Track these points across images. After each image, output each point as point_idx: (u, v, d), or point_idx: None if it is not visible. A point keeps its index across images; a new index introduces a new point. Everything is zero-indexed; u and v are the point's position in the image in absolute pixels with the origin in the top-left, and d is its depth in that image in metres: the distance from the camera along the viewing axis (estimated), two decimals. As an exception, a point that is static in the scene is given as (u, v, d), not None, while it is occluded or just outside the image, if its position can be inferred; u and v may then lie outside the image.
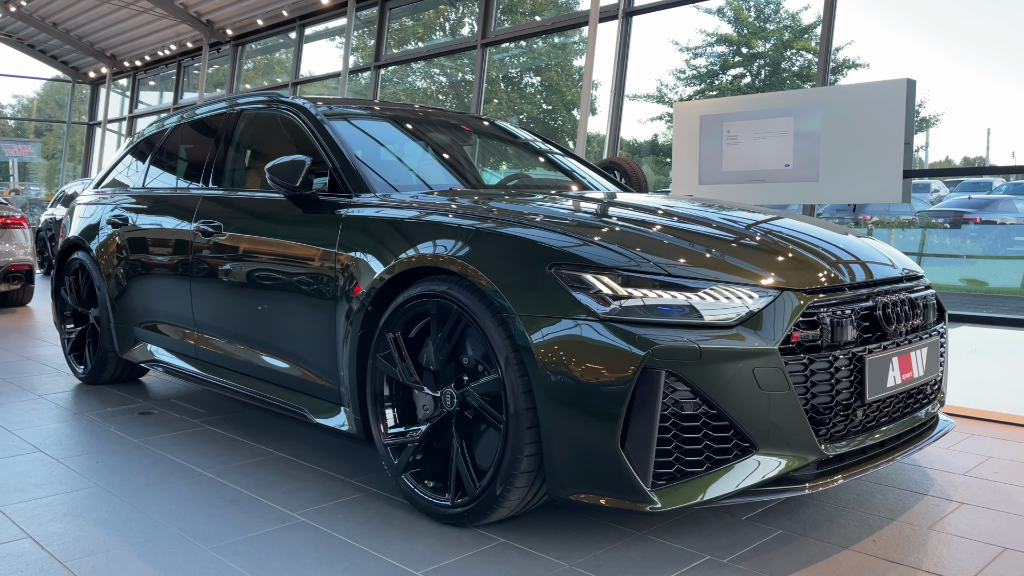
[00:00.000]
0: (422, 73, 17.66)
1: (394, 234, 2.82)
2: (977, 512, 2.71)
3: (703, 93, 17.04)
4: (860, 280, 2.58)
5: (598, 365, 2.23)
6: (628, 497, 2.24)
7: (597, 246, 2.40)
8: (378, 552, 2.41)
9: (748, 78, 17.12)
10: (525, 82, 18.52)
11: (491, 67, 17.36)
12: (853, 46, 16.17)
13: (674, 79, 17.26)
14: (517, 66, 18.20)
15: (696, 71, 17.00)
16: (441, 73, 18.19)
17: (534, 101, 18.51)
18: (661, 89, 17.02)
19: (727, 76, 17.04)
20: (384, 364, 2.76)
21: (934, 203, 17.25)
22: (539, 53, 17.28)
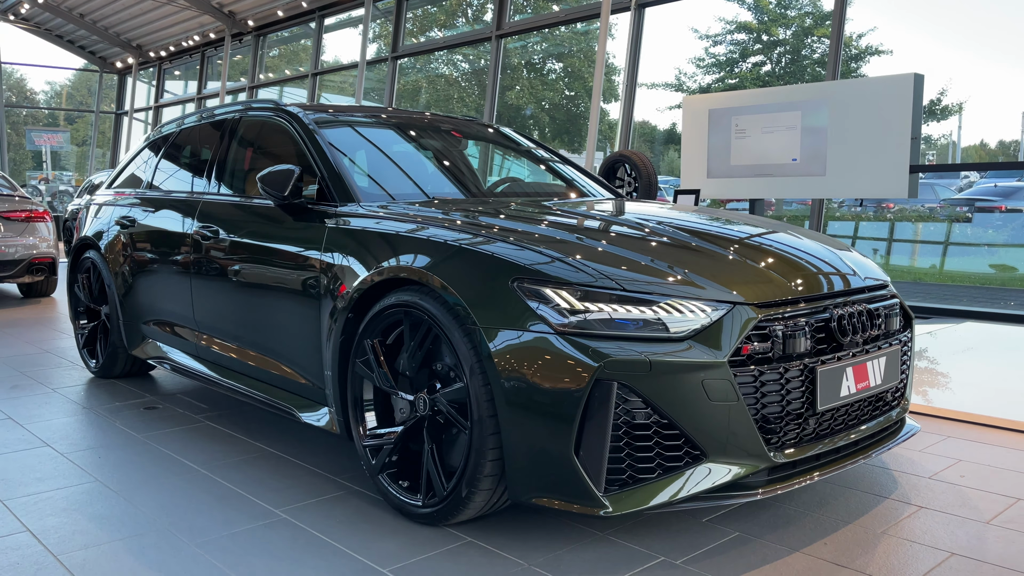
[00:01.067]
0: (445, 60, 17.76)
1: (371, 245, 2.95)
2: (933, 517, 2.80)
3: (722, 81, 16.97)
4: (819, 293, 2.66)
5: (554, 375, 2.34)
6: (582, 501, 2.36)
7: (559, 262, 2.51)
8: (350, 549, 2.55)
9: (768, 66, 17.02)
10: (547, 68, 18.55)
11: (513, 54, 17.43)
12: (875, 33, 16.02)
13: (693, 67, 17.20)
14: (540, 52, 18.22)
15: (715, 59, 16.93)
16: (463, 60, 18.27)
17: (556, 88, 18.54)
18: (680, 77, 16.97)
19: (746, 64, 16.95)
20: (363, 369, 2.89)
21: (963, 189, 17.04)
22: (561, 39, 17.29)
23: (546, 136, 20.49)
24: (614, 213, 3.36)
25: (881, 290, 2.94)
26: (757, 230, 3.16)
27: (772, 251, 2.87)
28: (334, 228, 3.14)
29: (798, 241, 3.05)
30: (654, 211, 3.54)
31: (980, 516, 2.80)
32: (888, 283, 3.03)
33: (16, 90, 32.66)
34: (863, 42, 16.00)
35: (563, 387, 2.33)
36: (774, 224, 3.41)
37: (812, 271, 2.76)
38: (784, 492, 2.51)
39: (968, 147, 17.70)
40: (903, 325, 3.03)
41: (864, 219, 14.56)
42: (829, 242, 3.19)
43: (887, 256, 13.43)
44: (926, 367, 5.17)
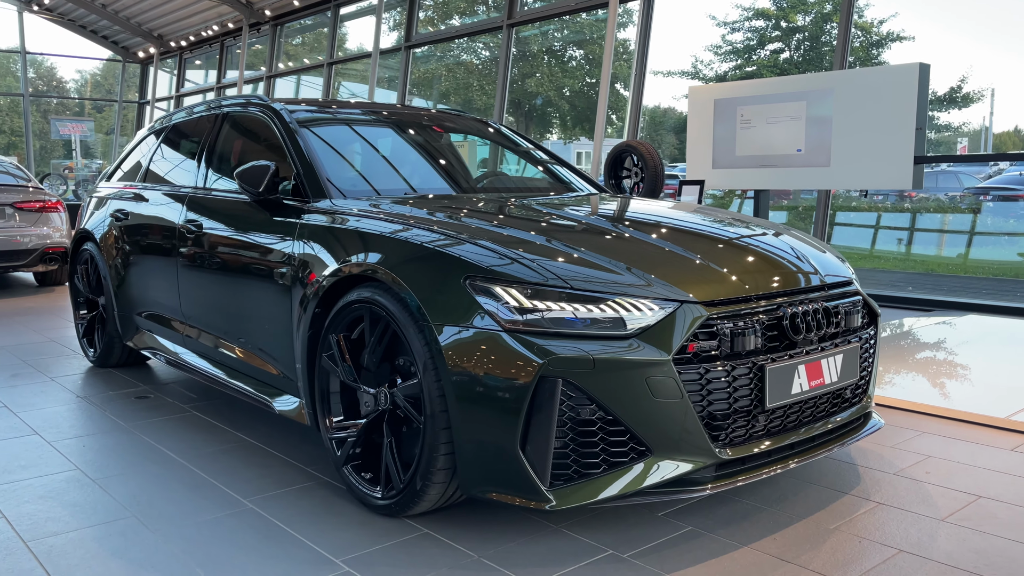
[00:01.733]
0: (466, 48, 17.76)
1: (336, 242, 3.01)
2: (889, 513, 2.82)
3: (740, 69, 16.83)
4: (773, 291, 2.68)
5: (501, 372, 2.39)
6: (527, 496, 2.41)
7: (513, 261, 2.55)
8: (308, 540, 2.62)
9: (786, 53, 16.85)
10: (568, 56, 18.50)
11: (532, 41, 17.40)
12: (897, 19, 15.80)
13: (711, 54, 17.09)
14: (560, 40, 18.17)
15: (732, 46, 16.80)
16: (484, 48, 18.27)
17: (576, 75, 18.50)
18: (697, 65, 16.87)
19: (764, 51, 16.79)
20: (329, 363, 2.96)
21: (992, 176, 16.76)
22: (582, 26, 17.23)
23: (567, 124, 20.48)
24: (583, 210, 3.39)
25: (843, 287, 2.96)
26: (724, 228, 3.18)
27: (732, 249, 2.89)
28: (305, 224, 3.21)
29: (763, 239, 3.07)
30: (623, 208, 3.57)
31: (936, 513, 2.81)
32: (852, 280, 3.04)
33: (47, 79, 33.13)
34: (884, 28, 15.80)
35: (509, 384, 2.38)
36: (747, 221, 3.42)
37: (769, 269, 2.78)
38: (731, 488, 2.54)
39: (1001, 133, 17.39)
40: (866, 322, 3.04)
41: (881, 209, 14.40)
42: (798, 239, 3.20)
43: (909, 246, 13.30)
44: (914, 361, 5.15)
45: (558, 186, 4.30)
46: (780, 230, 3.28)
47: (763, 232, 3.17)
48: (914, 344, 5.73)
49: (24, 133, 21.37)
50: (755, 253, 2.89)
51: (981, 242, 13.02)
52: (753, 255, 2.86)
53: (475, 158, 8.83)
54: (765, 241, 3.05)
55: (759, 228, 3.25)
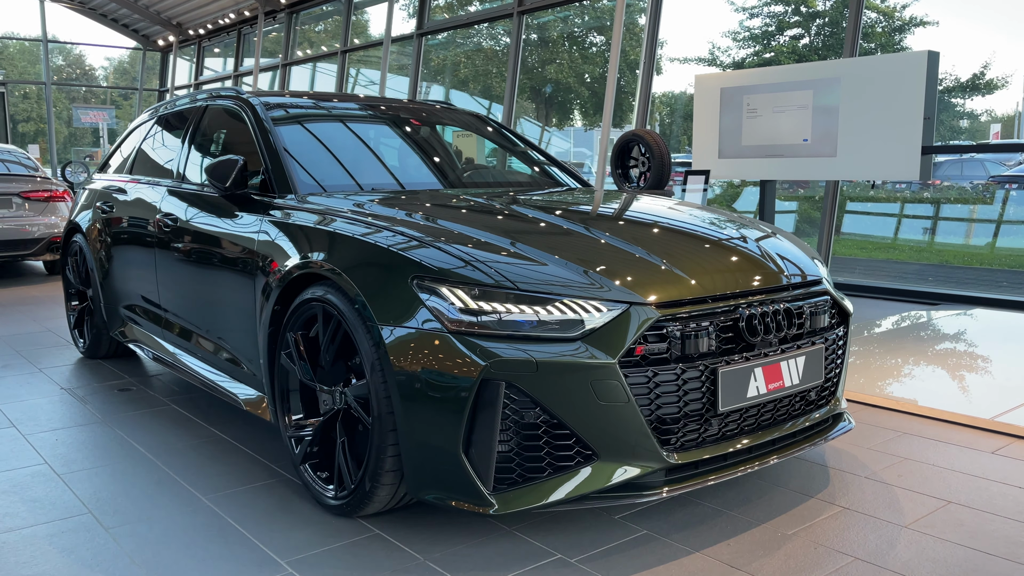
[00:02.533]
0: (486, 34, 17.68)
1: (293, 238, 2.98)
2: (852, 518, 2.75)
3: (758, 55, 16.60)
4: (730, 292, 2.62)
5: (445, 374, 2.36)
6: (471, 500, 2.38)
7: (460, 260, 2.51)
8: (258, 539, 2.61)
9: (806, 39, 16.58)
10: (589, 42, 18.35)
11: (552, 27, 17.27)
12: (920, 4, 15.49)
13: (728, 40, 16.87)
14: (581, 26, 18.03)
15: (751, 32, 16.56)
16: (504, 34, 18.17)
17: (597, 61, 18.35)
18: (714, 51, 16.66)
19: (784, 37, 16.54)
20: (287, 361, 2.94)
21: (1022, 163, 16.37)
22: (602, 12, 17.08)
23: (588, 111, 20.33)
24: (550, 206, 3.33)
25: (809, 287, 2.88)
26: (691, 226, 3.12)
27: (693, 249, 2.83)
28: (269, 220, 3.19)
29: (729, 238, 3.00)
30: (593, 204, 3.52)
31: (900, 519, 2.74)
32: (821, 279, 2.97)
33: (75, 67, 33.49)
34: (907, 13, 15.49)
35: (452, 385, 2.35)
36: (723, 218, 3.35)
37: (728, 270, 2.72)
38: (684, 493, 2.49)
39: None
40: (835, 322, 2.97)
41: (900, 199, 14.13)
42: (770, 237, 3.13)
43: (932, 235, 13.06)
44: (906, 358, 5.05)
45: (538, 180, 4.25)
46: (754, 228, 3.21)
47: (733, 230, 3.10)
48: (910, 340, 5.62)
49: (47, 120, 21.60)
50: (717, 253, 2.82)
51: (1008, 231, 12.76)
52: (714, 255, 2.80)
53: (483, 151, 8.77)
54: (730, 240, 2.98)
55: (730, 226, 3.18)
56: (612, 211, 3.37)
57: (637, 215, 3.27)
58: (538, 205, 3.33)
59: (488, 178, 4.23)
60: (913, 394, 4.21)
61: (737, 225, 3.20)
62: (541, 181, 4.29)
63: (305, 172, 3.46)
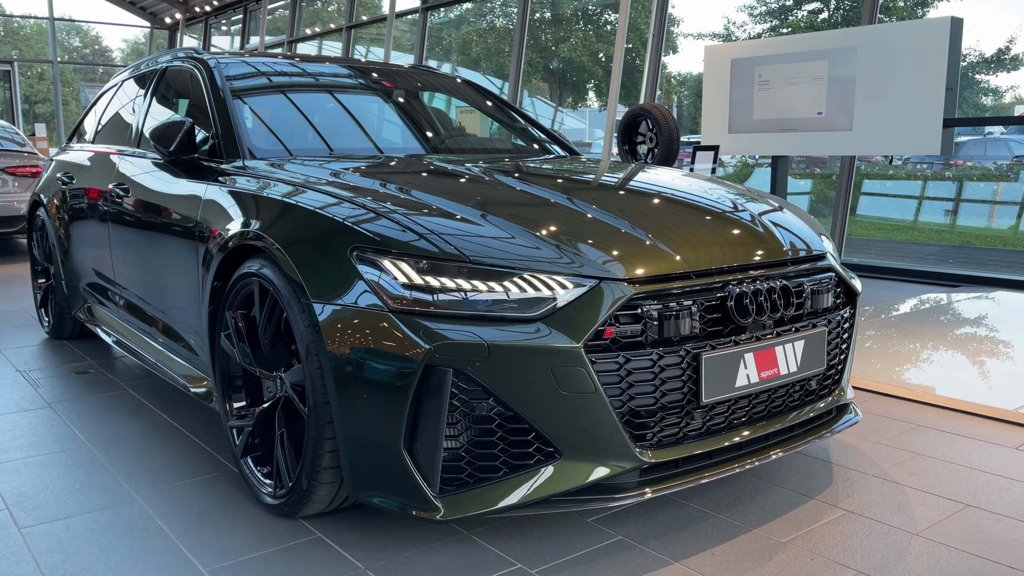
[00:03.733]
0: (500, 12, 17.28)
1: (235, 207, 2.68)
2: (856, 524, 2.43)
3: (775, 31, 16.08)
4: (717, 266, 2.29)
5: (383, 359, 2.06)
6: (414, 503, 2.08)
7: (407, 230, 2.20)
8: (184, 543, 2.33)
9: (825, 13, 16.04)
10: (604, 20, 17.92)
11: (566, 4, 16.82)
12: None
13: (744, 15, 16.35)
14: (595, 3, 17.61)
15: (767, 6, 16.03)
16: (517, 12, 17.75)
17: (611, 40, 17.89)
18: (729, 27, 16.16)
19: (802, 12, 16.00)
20: (227, 343, 2.65)
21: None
22: (617, -12, 16.59)
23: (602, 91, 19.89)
24: (533, 175, 3.01)
25: (812, 262, 2.55)
26: (684, 195, 2.79)
27: (676, 217, 2.51)
28: (214, 187, 2.89)
29: (720, 206, 2.68)
30: (573, 172, 3.19)
31: (911, 526, 2.42)
32: (825, 254, 2.63)
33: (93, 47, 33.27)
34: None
35: (393, 372, 2.04)
36: (718, 188, 3.02)
37: (716, 241, 2.39)
38: (658, 496, 2.18)
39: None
40: (840, 302, 2.64)
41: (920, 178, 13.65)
42: (774, 209, 2.80)
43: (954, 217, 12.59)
44: (923, 343, 4.69)
45: (526, 148, 3.93)
46: (758, 201, 2.87)
47: (732, 202, 2.77)
48: (927, 323, 5.25)
49: (55, 99, 21.43)
50: (709, 225, 2.50)
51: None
52: (706, 227, 2.47)
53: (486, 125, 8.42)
54: (727, 212, 2.65)
55: (731, 197, 2.85)
56: (601, 182, 3.04)
57: (629, 186, 2.95)
58: (522, 174, 3.00)
59: (472, 145, 3.90)
60: (929, 382, 3.87)
61: (739, 197, 2.86)
62: (529, 149, 3.97)
63: (259, 136, 3.16)
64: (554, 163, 3.38)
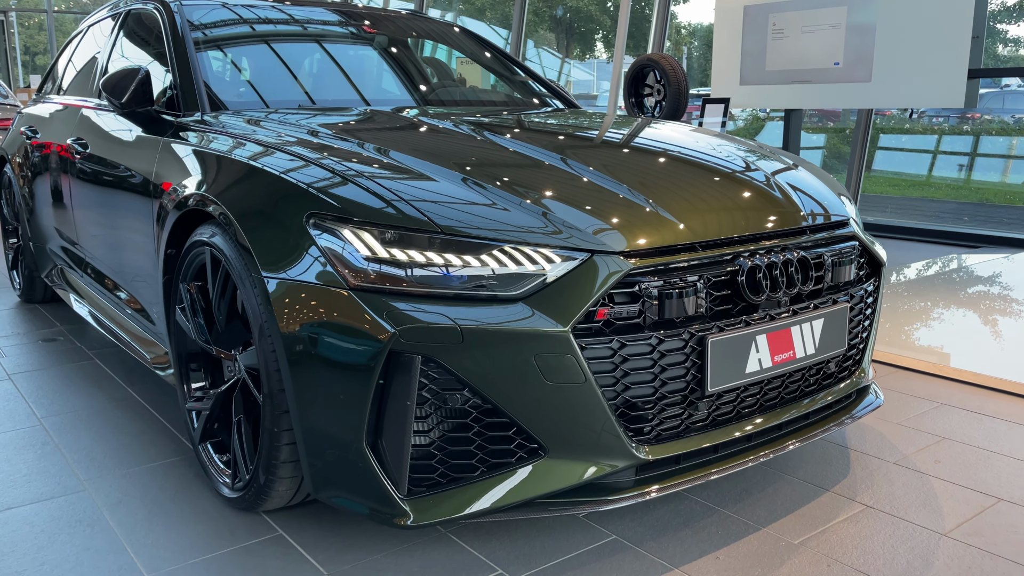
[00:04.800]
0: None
1: (188, 166, 2.41)
2: (876, 521, 2.19)
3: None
4: (728, 236, 2.02)
5: (343, 342, 1.80)
6: (379, 506, 1.84)
7: (376, 196, 1.92)
8: (128, 540, 2.10)
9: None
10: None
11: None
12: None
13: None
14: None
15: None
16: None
17: (620, -12, 17.36)
18: (744, -25, 15.58)
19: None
20: (181, 317, 2.40)
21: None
22: (626, -66, 16.00)
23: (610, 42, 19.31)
24: (526, 132, 2.72)
25: (833, 229, 2.27)
26: (693, 154, 2.50)
27: (688, 182, 2.22)
28: (167, 143, 2.61)
29: (738, 168, 2.39)
30: (577, 129, 2.90)
31: (938, 523, 2.18)
32: (847, 219, 2.35)
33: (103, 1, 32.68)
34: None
35: (352, 359, 1.79)
36: (728, 145, 2.73)
37: (726, 207, 2.11)
38: (659, 496, 1.94)
39: None
40: (864, 274, 2.37)
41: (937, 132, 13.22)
42: (788, 168, 2.51)
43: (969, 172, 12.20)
44: (943, 311, 4.41)
45: (519, 100, 3.63)
46: (771, 159, 2.58)
47: (744, 161, 2.49)
48: (946, 288, 4.96)
49: (49, 49, 20.99)
50: (719, 188, 2.21)
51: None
52: (715, 190, 2.19)
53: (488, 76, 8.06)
54: (731, 168, 2.37)
55: (743, 155, 2.56)
56: (601, 139, 2.75)
57: (631, 144, 2.66)
58: (514, 130, 2.71)
59: (466, 97, 3.59)
60: (951, 354, 3.60)
61: (751, 155, 2.57)
62: (527, 102, 3.66)
63: (223, 86, 2.87)
64: (551, 118, 3.08)
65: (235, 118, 2.62)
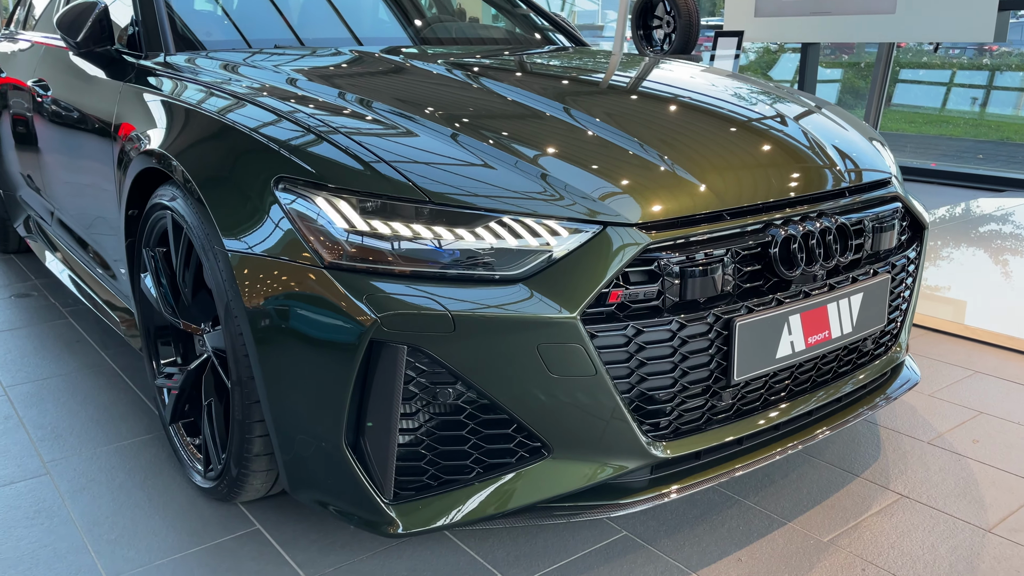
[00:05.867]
0: None
1: (150, 117, 2.14)
2: (912, 515, 1.99)
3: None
4: (760, 203, 1.77)
5: (317, 329, 1.57)
6: (362, 511, 1.63)
7: (353, 157, 1.66)
8: (89, 536, 1.91)
9: None
10: None
11: None
12: None
13: None
14: None
15: None
16: None
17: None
18: None
19: None
20: (145, 286, 2.17)
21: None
22: None
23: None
24: (526, 76, 2.44)
25: (874, 189, 2.02)
26: (709, 101, 2.23)
27: (706, 136, 1.96)
28: (128, 89, 2.34)
29: (761, 116, 2.12)
30: (582, 73, 2.62)
31: (981, 518, 1.98)
32: (891, 179, 2.09)
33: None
34: None
35: (328, 349, 1.56)
36: (747, 88, 2.45)
37: (754, 166, 1.85)
38: (678, 497, 1.73)
39: None
40: (907, 239, 2.12)
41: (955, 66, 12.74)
42: (812, 111, 2.25)
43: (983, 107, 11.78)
44: (971, 265, 4.16)
45: (520, 37, 3.32)
46: (792, 102, 2.31)
47: (767, 107, 2.22)
48: (974, 239, 4.71)
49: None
50: (742, 143, 1.95)
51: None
52: (738, 146, 1.93)
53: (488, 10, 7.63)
54: (763, 122, 2.10)
55: (764, 101, 2.29)
56: (608, 85, 2.47)
57: (641, 89, 2.38)
58: (512, 75, 2.43)
59: (465, 34, 3.28)
60: (981, 314, 3.37)
61: (775, 101, 2.30)
62: (529, 39, 3.36)
63: (192, 22, 2.58)
64: (554, 59, 2.79)
65: (204, 61, 2.34)
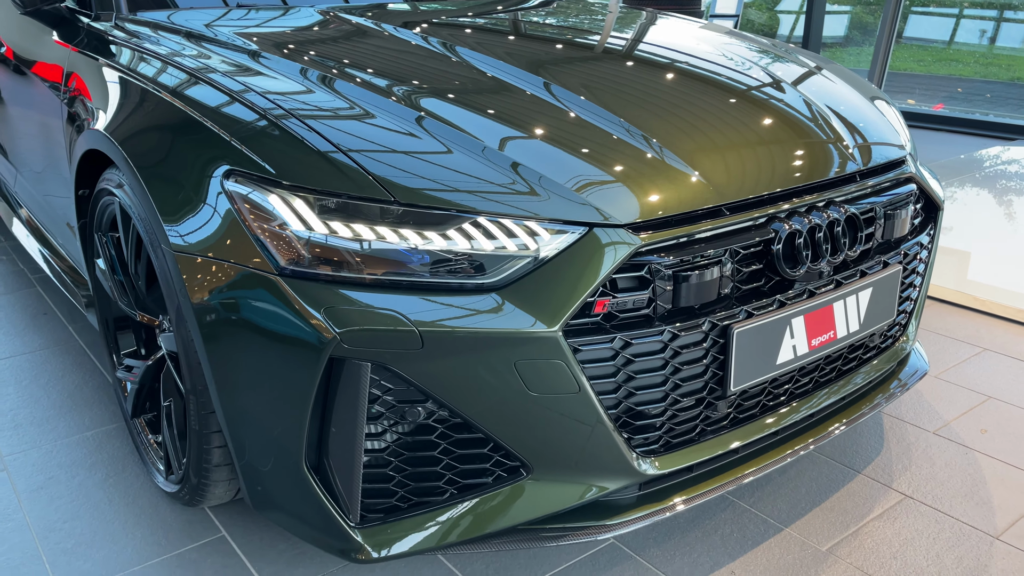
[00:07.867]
0: None
1: (96, 92, 1.96)
2: (916, 519, 1.88)
3: None
4: (763, 194, 1.60)
5: (271, 346, 1.42)
6: (328, 537, 1.51)
7: (306, 146, 1.49)
8: (44, 544, 1.80)
9: None
10: None
11: None
12: None
13: None
14: None
15: None
16: None
17: None
18: None
19: None
20: (99, 273, 2.02)
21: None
22: None
23: None
24: (507, 42, 2.24)
25: (888, 171, 1.85)
26: (686, 58, 2.05)
27: (701, 114, 1.78)
28: (76, 57, 2.15)
29: (752, 79, 1.94)
30: (568, 35, 2.42)
31: (989, 523, 1.87)
32: (905, 159, 1.92)
33: None
34: None
35: (284, 366, 1.42)
36: (745, 49, 2.26)
37: (760, 153, 1.68)
38: (672, 515, 1.61)
39: None
40: (920, 222, 1.97)
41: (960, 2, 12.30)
42: (813, 72, 2.07)
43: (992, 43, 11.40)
44: (978, 226, 4.00)
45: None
46: (792, 62, 2.13)
47: (764, 73, 2.03)
48: (985, 194, 4.52)
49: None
50: (734, 115, 1.77)
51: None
52: (729, 120, 1.75)
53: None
54: (756, 86, 1.92)
55: (764, 65, 2.10)
56: (593, 50, 2.27)
57: (629, 56, 2.19)
58: (491, 36, 2.23)
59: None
60: (989, 283, 3.22)
61: (772, 63, 2.11)
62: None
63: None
64: (537, 18, 2.58)
65: (158, 23, 2.14)
